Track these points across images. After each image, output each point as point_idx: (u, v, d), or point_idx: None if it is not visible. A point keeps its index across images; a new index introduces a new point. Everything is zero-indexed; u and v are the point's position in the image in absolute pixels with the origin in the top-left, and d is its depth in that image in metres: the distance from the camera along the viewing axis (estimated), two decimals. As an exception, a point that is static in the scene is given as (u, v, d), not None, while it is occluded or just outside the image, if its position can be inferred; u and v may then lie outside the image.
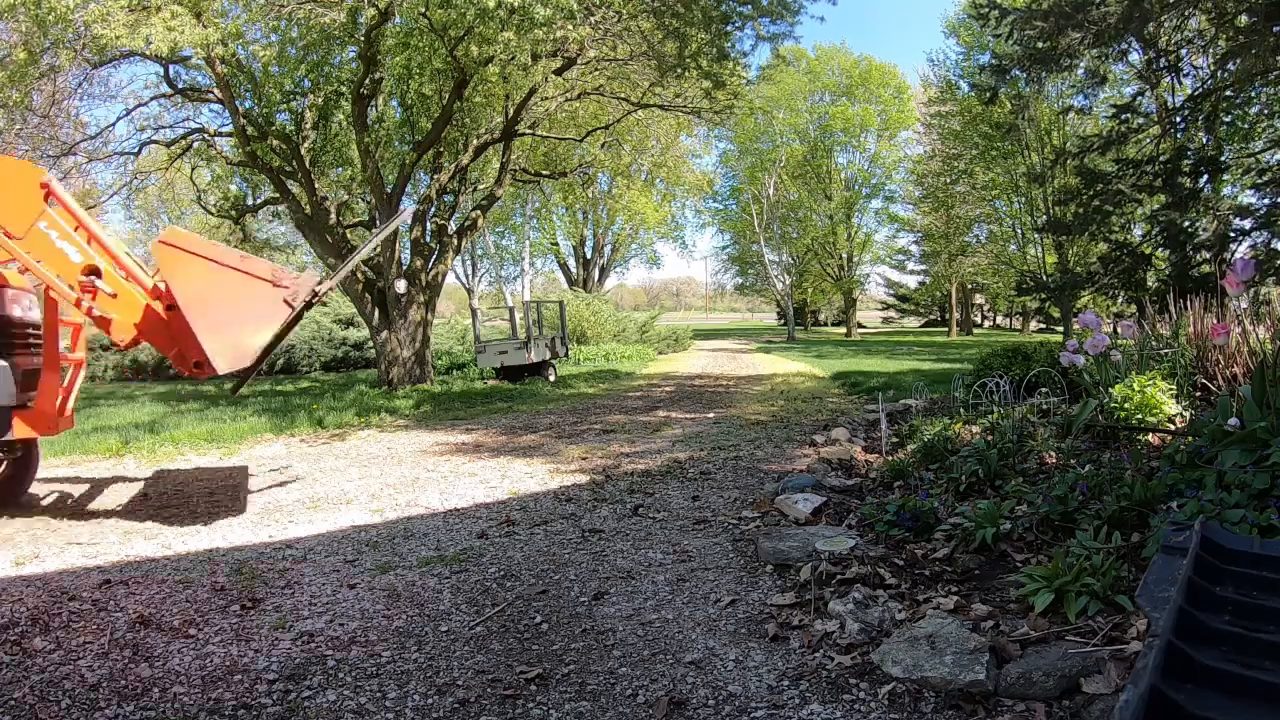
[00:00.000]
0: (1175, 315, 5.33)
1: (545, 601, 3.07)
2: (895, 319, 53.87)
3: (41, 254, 4.07)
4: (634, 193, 26.67)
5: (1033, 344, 7.96)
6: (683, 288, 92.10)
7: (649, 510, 4.47)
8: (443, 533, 4.12)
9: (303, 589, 3.24)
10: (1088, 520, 2.99)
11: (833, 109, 35.67)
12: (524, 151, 16.50)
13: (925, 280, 42.25)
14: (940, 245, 33.35)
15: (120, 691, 2.35)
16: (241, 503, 4.91)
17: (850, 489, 4.55)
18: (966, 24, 23.71)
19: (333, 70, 12.54)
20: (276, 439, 7.65)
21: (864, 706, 2.15)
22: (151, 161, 16.93)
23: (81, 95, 14.80)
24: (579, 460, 6.13)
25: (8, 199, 4.01)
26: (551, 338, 14.81)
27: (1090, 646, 2.18)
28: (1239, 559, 1.73)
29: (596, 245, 34.11)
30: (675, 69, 11.53)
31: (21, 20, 9.00)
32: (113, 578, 3.41)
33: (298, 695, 2.32)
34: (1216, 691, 1.24)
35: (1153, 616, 1.46)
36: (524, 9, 8.22)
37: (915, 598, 2.77)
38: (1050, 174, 17.18)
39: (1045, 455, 4.14)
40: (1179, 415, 4.23)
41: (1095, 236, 12.17)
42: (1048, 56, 10.04)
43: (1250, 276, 3.68)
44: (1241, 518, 2.51)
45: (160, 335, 4.29)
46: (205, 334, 4.02)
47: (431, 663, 2.54)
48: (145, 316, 4.26)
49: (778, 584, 3.13)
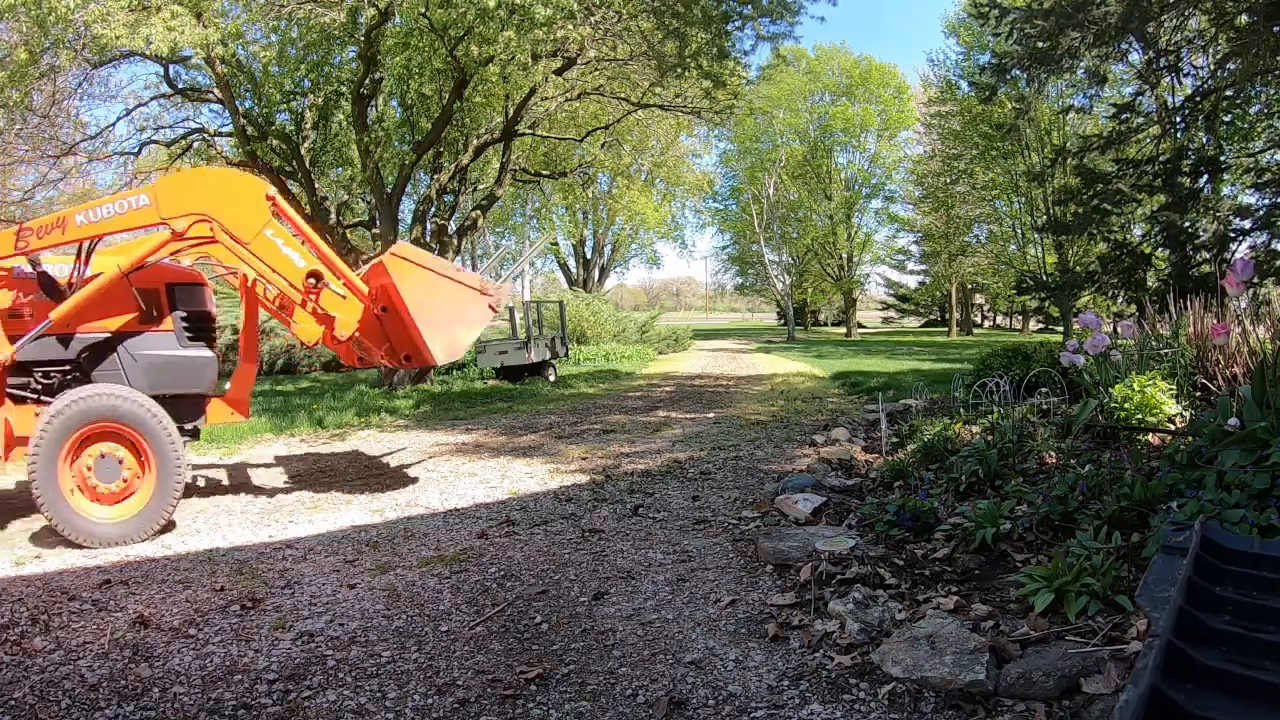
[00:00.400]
0: (1175, 315, 5.33)
1: (545, 601, 3.07)
2: (895, 319, 53.85)
3: (269, 258, 4.48)
4: (634, 193, 26.66)
5: (1033, 344, 7.96)
6: (683, 288, 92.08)
7: (649, 510, 4.47)
8: (443, 533, 4.12)
9: (303, 589, 3.24)
10: (1088, 520, 2.99)
11: (833, 109, 35.66)
12: (524, 151, 16.51)
13: (925, 280, 42.25)
14: (940, 245, 33.35)
15: (120, 691, 2.35)
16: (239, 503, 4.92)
17: (850, 489, 4.55)
18: (966, 24, 23.70)
19: (333, 70, 12.54)
20: (277, 439, 7.65)
21: (864, 706, 2.15)
22: (151, 161, 16.93)
23: (81, 95, 14.79)
24: (579, 460, 6.13)
25: (237, 209, 4.41)
26: (551, 338, 14.81)
27: (1090, 646, 2.18)
28: (1239, 559, 1.73)
29: (596, 245, 34.10)
30: (675, 69, 11.53)
31: (22, 20, 9.01)
32: (113, 578, 3.42)
33: (298, 695, 2.32)
34: (1216, 691, 1.24)
35: (1153, 616, 1.46)
36: (524, 9, 8.23)
37: (915, 598, 2.77)
38: (1050, 174, 17.17)
39: (1045, 455, 4.14)
40: (1179, 415, 4.23)
41: (1095, 236, 12.18)
42: (1048, 56, 10.04)
43: (1250, 276, 3.68)
44: (1241, 518, 2.51)
45: (374, 333, 4.83)
46: (428, 332, 4.60)
47: (431, 663, 2.54)
48: (363, 316, 4.76)
49: (778, 584, 3.13)
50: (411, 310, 4.58)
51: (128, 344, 4.52)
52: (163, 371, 4.57)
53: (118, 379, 4.43)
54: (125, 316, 4.53)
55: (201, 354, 4.71)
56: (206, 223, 4.35)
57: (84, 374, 4.45)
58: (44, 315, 4.21)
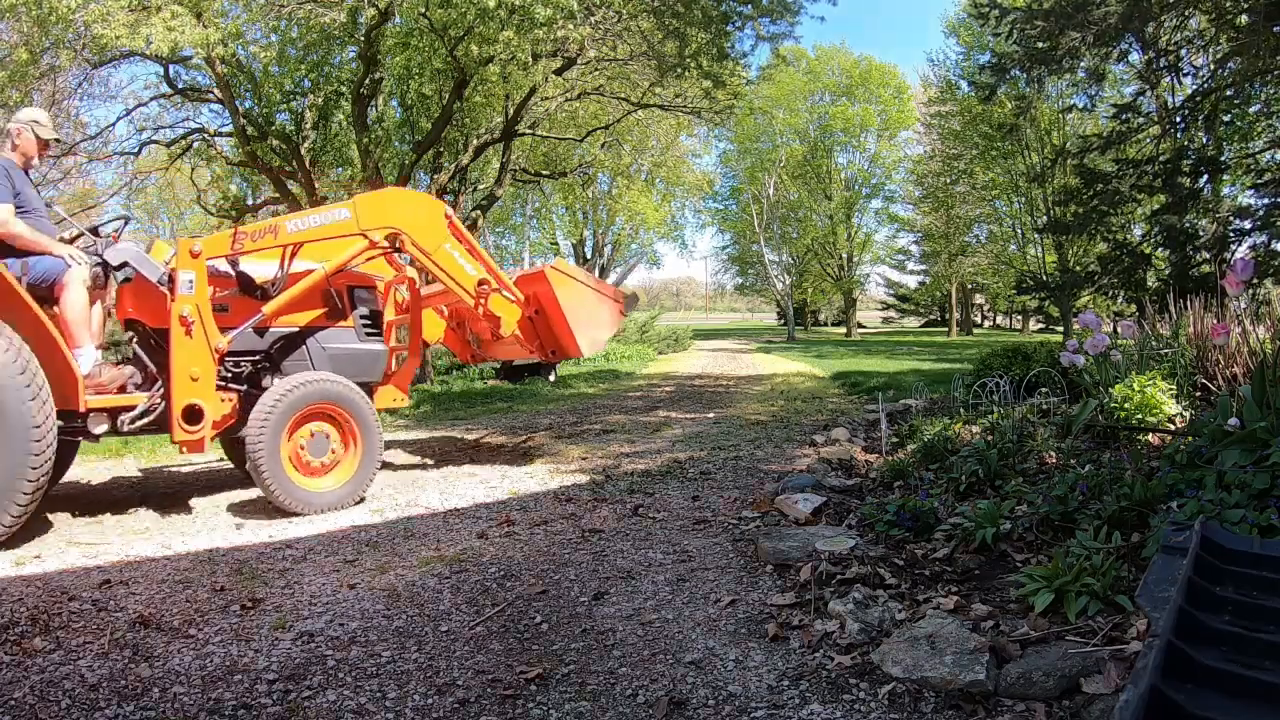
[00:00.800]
0: (1175, 315, 5.32)
1: (545, 601, 3.07)
2: (895, 319, 53.86)
3: (448, 267, 5.22)
4: (634, 193, 26.63)
5: (1033, 344, 7.96)
6: (683, 288, 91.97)
7: (649, 510, 4.47)
8: (443, 533, 4.12)
9: (303, 589, 3.24)
10: (1088, 520, 2.99)
11: (833, 109, 35.63)
12: (524, 151, 16.50)
13: (925, 280, 42.25)
14: (940, 245, 33.35)
15: (120, 691, 2.35)
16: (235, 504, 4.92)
17: (850, 489, 4.55)
18: (966, 24, 23.70)
19: (333, 70, 12.54)
20: (276, 439, 7.64)
21: (864, 706, 2.15)
22: (151, 161, 16.94)
23: (81, 95, 14.78)
24: (579, 460, 6.14)
25: (424, 225, 5.12)
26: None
27: (1090, 646, 2.18)
28: (1239, 559, 1.73)
29: (596, 245, 34.08)
30: (675, 69, 11.53)
31: (22, 20, 9.01)
32: (113, 578, 3.41)
33: (298, 695, 2.32)
34: (1216, 691, 1.24)
35: (1153, 616, 1.46)
36: (524, 9, 8.23)
37: (915, 598, 2.77)
38: (1050, 174, 17.18)
39: (1045, 455, 4.14)
40: (1179, 415, 4.23)
41: (1095, 236, 12.18)
42: (1048, 56, 10.04)
43: (1250, 276, 3.68)
44: (1241, 518, 2.51)
45: (528, 332, 5.65)
46: (578, 332, 5.55)
47: (431, 663, 2.54)
48: (523, 319, 5.61)
49: (778, 584, 3.13)
50: (567, 315, 5.49)
51: (317, 337, 5.10)
52: (345, 363, 5.12)
53: (305, 369, 4.96)
54: (316, 313, 5.12)
55: (376, 347, 5.36)
56: (397, 235, 5.01)
57: (274, 364, 4.96)
58: (240, 310, 4.70)
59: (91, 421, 4.27)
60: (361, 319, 5.31)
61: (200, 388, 4.38)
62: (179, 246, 4.44)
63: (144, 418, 4.41)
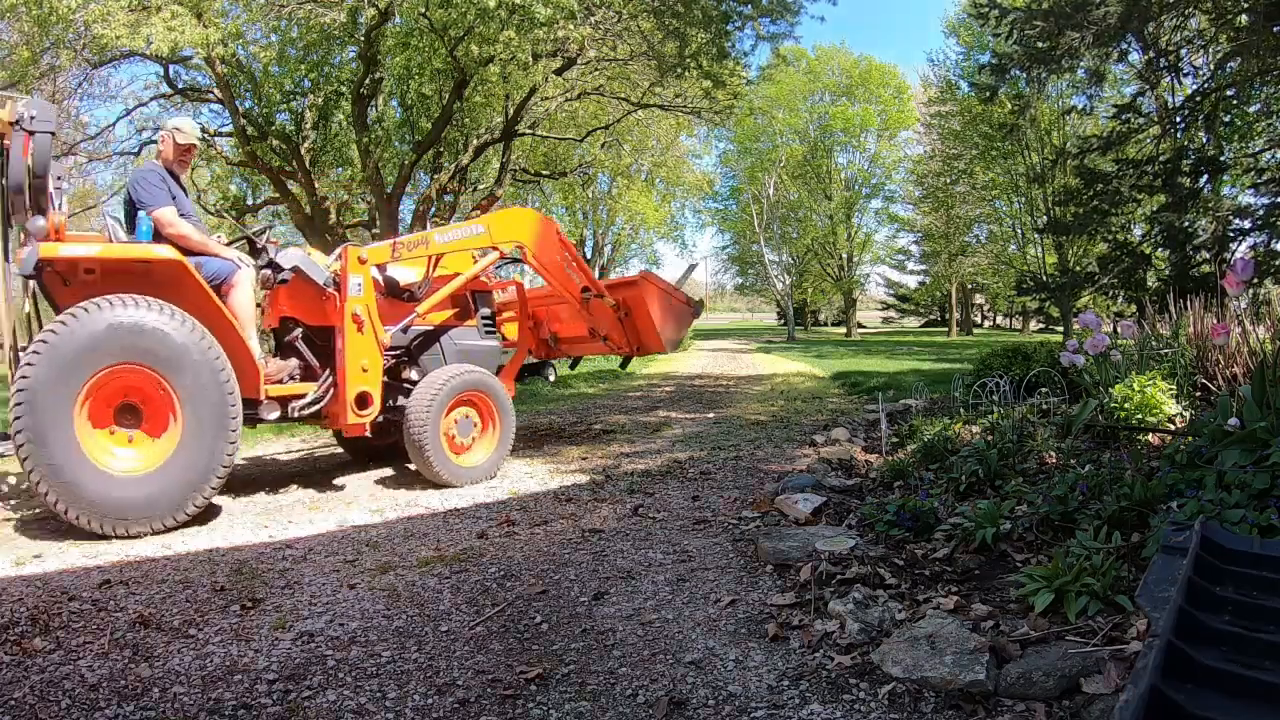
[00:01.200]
0: (1175, 315, 5.32)
1: (545, 601, 3.07)
2: (895, 319, 53.86)
3: (558, 276, 6.02)
4: (634, 193, 26.65)
5: (1033, 344, 7.95)
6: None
7: (649, 510, 4.47)
8: (443, 533, 4.12)
9: (303, 589, 3.24)
10: (1088, 520, 2.99)
11: (833, 109, 35.63)
12: (524, 151, 16.50)
13: (925, 280, 42.24)
14: (940, 245, 33.33)
15: (120, 691, 2.35)
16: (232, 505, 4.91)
17: (850, 489, 4.54)
18: (966, 24, 23.70)
19: (333, 70, 12.54)
20: (277, 439, 7.65)
21: (864, 706, 2.15)
22: (151, 162, 16.88)
23: (81, 95, 14.80)
24: (579, 460, 6.14)
25: (543, 240, 5.90)
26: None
27: (1090, 646, 2.18)
28: (1239, 559, 1.73)
29: (596, 245, 34.09)
30: (675, 69, 11.53)
31: (23, 20, 9.02)
32: (113, 578, 3.41)
33: (298, 695, 2.32)
34: (1216, 691, 1.24)
35: (1153, 616, 1.46)
36: (525, 9, 8.23)
37: (915, 598, 2.76)
38: (1050, 174, 17.18)
39: (1045, 455, 4.14)
40: (1179, 415, 4.23)
41: (1095, 237, 12.18)
42: (1048, 56, 10.05)
43: (1250, 276, 3.68)
44: (1241, 518, 2.51)
45: (616, 330, 6.56)
46: (663, 332, 6.46)
47: (431, 663, 2.54)
48: (614, 319, 6.51)
49: (778, 584, 3.13)
50: (655, 318, 6.36)
51: (450, 334, 5.78)
52: (470, 357, 5.75)
53: (438, 363, 5.61)
54: (448, 313, 5.78)
55: (493, 344, 6.11)
56: (521, 249, 5.74)
57: (412, 358, 5.57)
58: (385, 310, 5.19)
59: (265, 409, 4.71)
60: (482, 319, 6.03)
61: (369, 378, 4.93)
62: (347, 255, 4.96)
63: (312, 406, 4.89)
